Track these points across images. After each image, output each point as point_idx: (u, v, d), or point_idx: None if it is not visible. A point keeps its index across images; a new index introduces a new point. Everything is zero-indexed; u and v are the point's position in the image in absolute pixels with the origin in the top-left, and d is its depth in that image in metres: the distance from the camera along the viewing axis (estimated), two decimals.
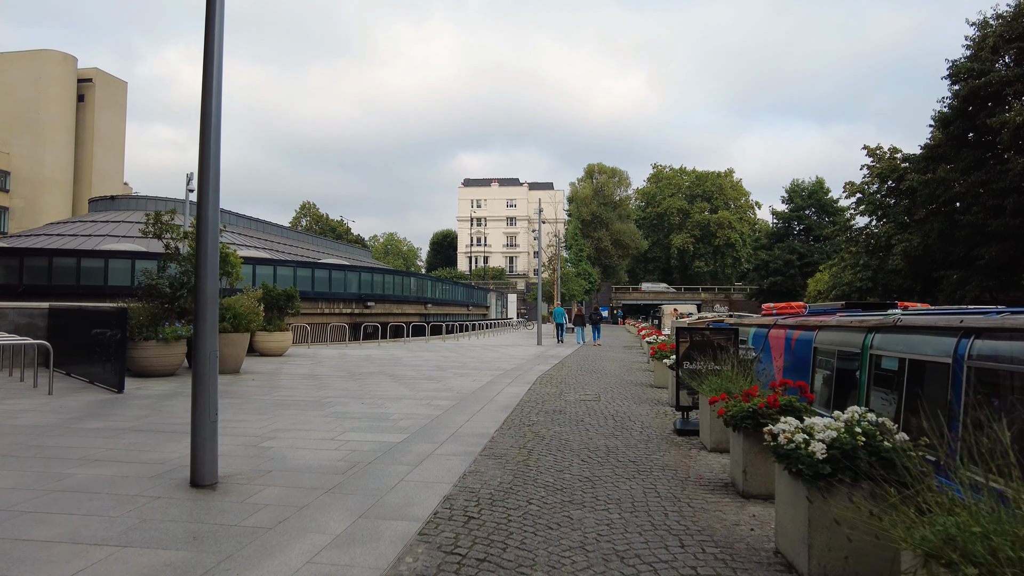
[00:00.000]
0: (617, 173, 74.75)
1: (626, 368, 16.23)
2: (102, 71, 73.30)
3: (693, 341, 7.65)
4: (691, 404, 7.66)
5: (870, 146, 38.67)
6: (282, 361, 16.17)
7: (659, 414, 8.86)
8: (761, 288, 64.84)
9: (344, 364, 15.70)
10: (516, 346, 25.49)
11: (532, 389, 11.16)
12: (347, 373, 13.40)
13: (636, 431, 7.53)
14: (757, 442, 4.90)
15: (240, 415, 8.03)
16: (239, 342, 13.15)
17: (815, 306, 11.55)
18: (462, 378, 12.68)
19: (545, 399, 9.97)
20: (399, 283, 33.65)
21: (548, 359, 18.45)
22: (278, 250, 36.92)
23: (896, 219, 34.87)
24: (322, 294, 27.50)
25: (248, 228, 40.80)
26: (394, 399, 9.56)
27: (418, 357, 18.41)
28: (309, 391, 10.39)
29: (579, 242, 43.72)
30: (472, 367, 15.27)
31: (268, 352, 17.92)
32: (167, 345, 11.93)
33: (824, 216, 66.16)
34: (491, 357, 18.87)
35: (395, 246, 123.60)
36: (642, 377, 13.91)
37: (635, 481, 5.31)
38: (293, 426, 7.32)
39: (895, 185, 36.81)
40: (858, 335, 6.42)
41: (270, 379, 12.10)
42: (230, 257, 14.01)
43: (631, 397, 10.53)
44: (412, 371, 13.99)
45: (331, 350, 20.89)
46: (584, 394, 10.73)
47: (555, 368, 15.54)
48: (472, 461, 5.77)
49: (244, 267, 25.78)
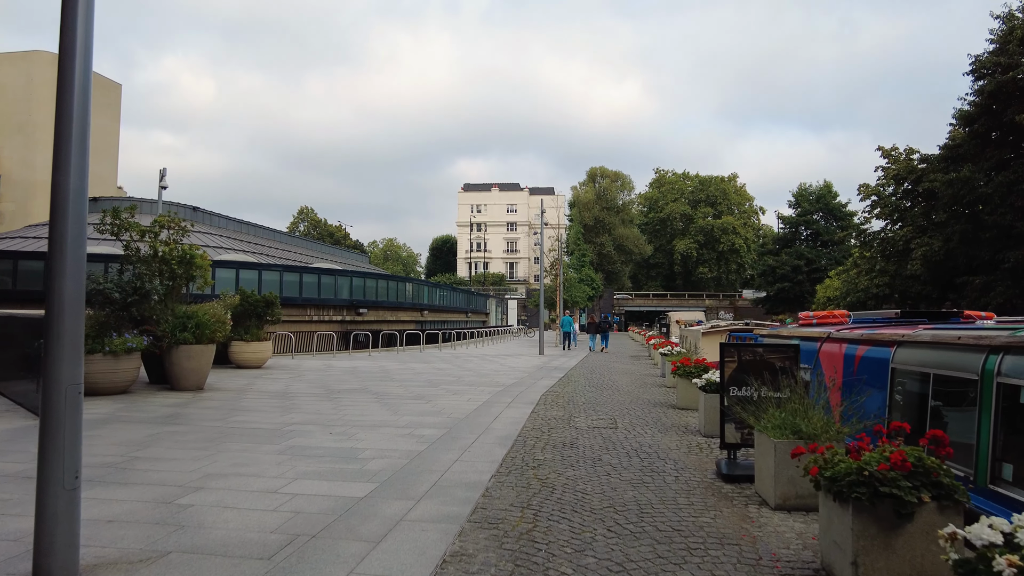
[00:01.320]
0: (620, 177, 73.25)
1: (639, 383, 14.64)
2: (96, 73, 71.80)
3: (743, 361, 6.07)
4: (739, 441, 6.07)
5: (884, 147, 37.20)
6: (257, 375, 14.58)
7: (692, 447, 7.26)
8: (768, 295, 63.22)
9: (325, 378, 14.11)
10: (517, 356, 23.89)
11: (536, 412, 9.56)
12: (325, 390, 11.80)
13: (670, 475, 5.93)
14: (875, 521, 3.32)
15: (172, 451, 6.44)
16: (201, 355, 11.56)
17: (860, 315, 9.98)
18: (455, 397, 11.08)
19: (552, 426, 8.38)
20: (394, 288, 32.01)
21: (552, 372, 16.86)
22: (268, 254, 35.37)
23: (914, 222, 33.33)
24: (311, 300, 25.91)
25: (238, 231, 39.25)
26: (370, 427, 7.96)
27: (409, 369, 16.81)
28: (272, 415, 8.80)
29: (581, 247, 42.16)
30: (468, 382, 13.68)
31: (245, 364, 16.35)
32: (116, 359, 10.34)
33: (832, 221, 64.60)
34: (490, 369, 17.27)
35: (395, 252, 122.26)
36: (660, 395, 12.31)
37: (686, 570, 3.71)
38: (233, 469, 5.73)
39: (911, 187, 35.34)
40: (974, 356, 4.83)
41: (234, 398, 10.51)
42: (196, 259, 12.44)
43: (653, 422, 8.93)
44: (399, 387, 12.39)
45: (316, 361, 19.30)
46: (597, 418, 9.13)
47: (560, 383, 13.95)
48: (457, 534, 4.17)
49: (225, 271, 24.25)
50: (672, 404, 10.89)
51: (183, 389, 11.40)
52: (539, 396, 11.37)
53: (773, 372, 5.84)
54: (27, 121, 65.66)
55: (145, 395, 10.66)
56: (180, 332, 11.32)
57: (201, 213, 36.78)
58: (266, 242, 40.88)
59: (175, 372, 11.41)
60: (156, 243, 12.31)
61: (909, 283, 33.66)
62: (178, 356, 11.32)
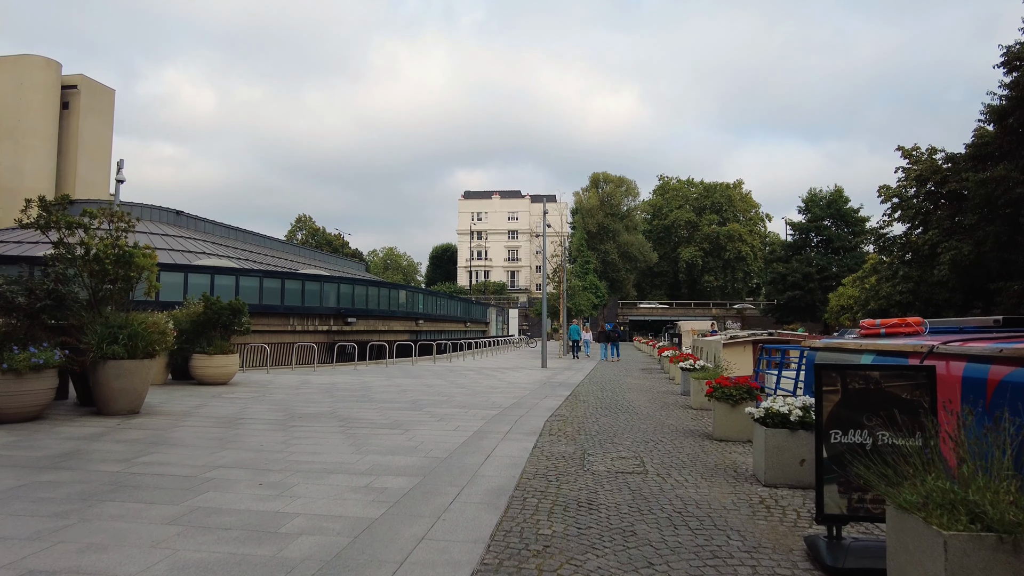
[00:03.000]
0: (625, 182, 71.38)
1: (657, 402, 12.62)
2: (88, 78, 70.49)
3: (850, 391, 4.07)
4: (846, 511, 4.06)
5: (905, 147, 35.34)
6: (216, 393, 12.58)
7: (755, 506, 5.24)
8: (777, 303, 61.11)
9: (293, 399, 12.10)
10: (517, 369, 21.87)
11: (539, 447, 7.56)
12: (284, 416, 9.80)
13: (741, 562, 3.92)
14: None
15: (13, 522, 4.43)
16: (135, 372, 9.57)
17: (939, 323, 7.98)
18: (440, 424, 9.07)
19: (560, 471, 6.37)
20: (385, 296, 29.96)
21: (557, 389, 14.85)
22: (256, 260, 33.45)
23: (940, 225, 31.34)
24: (293, 308, 23.91)
25: (225, 237, 37.37)
26: (318, 474, 5.96)
27: (394, 386, 14.80)
28: (198, 454, 6.80)
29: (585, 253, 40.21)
30: (459, 403, 11.67)
31: (208, 380, 14.39)
32: (19, 378, 8.36)
33: (844, 226, 62.59)
34: (486, 386, 15.26)
35: (395, 260, 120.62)
36: (687, 419, 10.28)
37: None
38: (76, 560, 3.73)
39: (935, 188, 33.40)
40: None
41: (167, 427, 8.51)
42: (136, 258, 10.46)
43: (690, 462, 6.92)
44: (375, 411, 10.38)
45: (293, 376, 17.29)
46: (618, 456, 7.12)
47: (568, 404, 11.94)
48: None
49: (199, 277, 22.29)
50: (706, 433, 8.87)
51: (112, 414, 9.41)
52: (543, 423, 9.35)
53: (902, 408, 3.84)
54: (17, 127, 64.21)
55: (59, 422, 8.67)
56: (108, 345, 9.34)
57: (185, 217, 34.96)
58: (255, 248, 39.00)
59: (102, 393, 9.43)
60: (90, 239, 10.35)
61: (935, 289, 31.62)
62: (105, 374, 9.34)
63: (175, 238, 30.76)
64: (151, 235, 30.19)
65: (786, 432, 5.97)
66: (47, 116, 66.52)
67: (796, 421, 5.94)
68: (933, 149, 34.19)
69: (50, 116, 66.80)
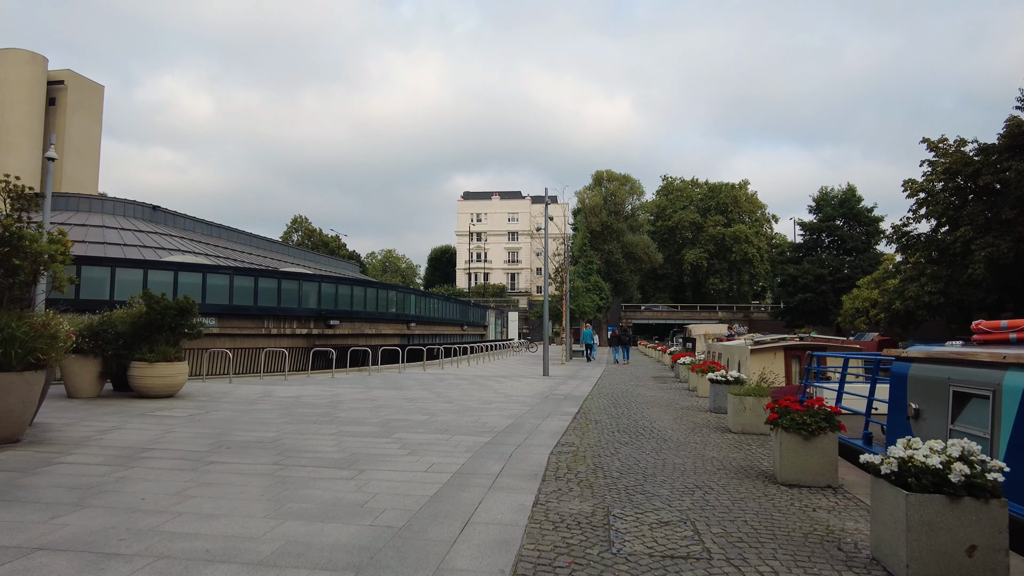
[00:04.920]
0: (629, 180, 69.03)
1: (686, 422, 10.33)
2: (76, 73, 68.39)
3: None
4: None
5: (931, 139, 33.09)
6: (148, 410, 10.30)
7: None
8: (788, 306, 58.71)
9: (240, 418, 9.83)
10: (516, 377, 19.59)
11: (542, 504, 5.28)
12: (211, 445, 7.53)
13: None
14: None
15: None
16: (12, 389, 7.30)
17: None
18: (409, 460, 6.80)
19: (576, 554, 4.10)
20: (373, 297, 27.55)
21: (561, 404, 12.57)
22: (240, 260, 31.19)
23: (973, 221, 29.05)
24: (268, 310, 21.60)
25: (206, 234, 35.11)
26: (187, 565, 3.68)
27: (369, 400, 12.53)
28: (31, 520, 4.53)
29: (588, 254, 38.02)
30: (440, 424, 9.40)
31: (150, 391, 12.18)
32: None
33: (857, 226, 60.22)
34: (478, 400, 12.99)
35: (394, 263, 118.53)
36: (729, 447, 7.99)
37: None
38: None
39: (964, 183, 31.13)
40: None
41: (33, 466, 6.24)
42: (25, 242, 8.19)
43: (765, 529, 4.65)
44: (331, 439, 8.11)
45: (257, 386, 15.01)
46: (659, 523, 4.84)
47: (577, 426, 9.66)
48: None
49: (160, 274, 19.94)
50: (764, 472, 6.59)
51: None
52: (546, 457, 7.08)
53: None
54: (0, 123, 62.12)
55: None
56: None
57: (162, 213, 32.73)
58: (240, 247, 36.75)
59: None
60: None
61: (966, 290, 29.32)
62: None
63: (148, 234, 28.53)
64: (122, 231, 27.97)
65: (942, 501, 3.70)
66: (32, 112, 64.35)
67: (960, 483, 3.68)
68: (962, 140, 31.93)
69: (35, 112, 64.63)
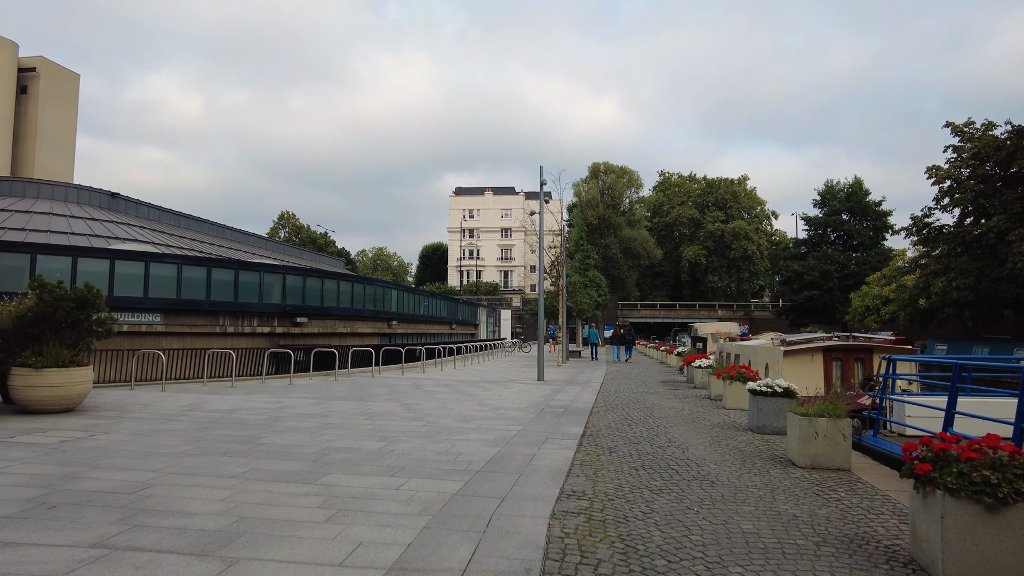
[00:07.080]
0: (627, 172, 66.46)
1: (728, 448, 7.75)
2: (49, 60, 65.15)
3: None
4: None
5: (955, 123, 30.73)
6: (22, 430, 7.62)
7: None
8: (793, 303, 56.32)
9: (126, 448, 7.17)
10: (506, 383, 16.98)
11: None
12: (29, 501, 4.89)
13: None
14: None
15: None
16: None
17: None
18: (322, 534, 4.17)
19: None
20: (348, 292, 24.85)
21: (562, 420, 9.97)
22: (209, 253, 28.47)
23: (1008, 209, 26.65)
24: (223, 305, 18.89)
25: (174, 224, 32.31)
26: None
27: (316, 418, 9.88)
28: None
29: (585, 247, 35.70)
30: (393, 461, 6.78)
31: (37, 407, 9.57)
32: None
33: (864, 220, 57.88)
34: (456, 416, 10.37)
35: (385, 261, 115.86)
36: (804, 493, 5.41)
37: None
38: None
39: (995, 170, 28.73)
40: None
41: None
42: None
43: None
44: (223, 490, 5.47)
45: (190, 396, 12.32)
46: None
47: (584, 459, 7.06)
48: None
49: (93, 262, 17.04)
50: (897, 552, 4.01)
51: None
52: (544, 529, 4.47)
53: None
54: None
55: None
56: None
57: (122, 201, 29.94)
58: (210, 240, 33.97)
59: None
60: None
61: (1001, 285, 26.90)
62: None
63: (101, 223, 25.75)
64: (71, 218, 25.20)
65: None
66: (1, 100, 61.22)
67: None
68: (990, 124, 29.56)
69: (4, 100, 61.47)
